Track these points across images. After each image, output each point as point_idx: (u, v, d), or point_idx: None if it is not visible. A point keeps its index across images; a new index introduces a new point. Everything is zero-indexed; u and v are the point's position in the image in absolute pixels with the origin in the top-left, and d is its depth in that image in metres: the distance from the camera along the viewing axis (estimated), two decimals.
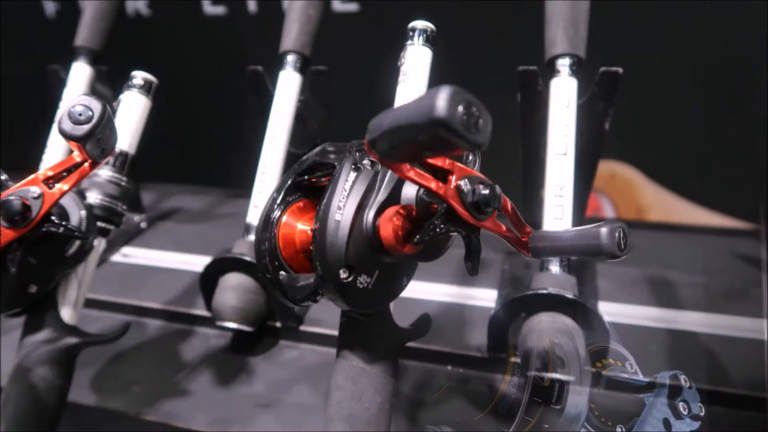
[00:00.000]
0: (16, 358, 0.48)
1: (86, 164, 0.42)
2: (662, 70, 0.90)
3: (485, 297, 0.68)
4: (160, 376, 0.61)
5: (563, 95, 0.56)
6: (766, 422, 0.50)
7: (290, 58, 0.68)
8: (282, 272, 0.35)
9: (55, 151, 0.67)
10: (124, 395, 0.59)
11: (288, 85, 0.67)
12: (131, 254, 0.86)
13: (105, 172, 0.52)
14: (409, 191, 0.34)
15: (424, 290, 0.69)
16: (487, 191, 0.30)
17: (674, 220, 0.99)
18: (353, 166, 0.33)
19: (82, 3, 0.78)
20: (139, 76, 0.54)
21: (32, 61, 0.98)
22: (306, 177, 0.37)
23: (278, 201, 0.36)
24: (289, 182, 0.36)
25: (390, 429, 0.36)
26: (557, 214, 0.54)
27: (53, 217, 0.43)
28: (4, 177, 0.42)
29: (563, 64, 0.57)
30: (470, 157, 0.33)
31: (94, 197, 0.52)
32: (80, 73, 0.73)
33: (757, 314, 0.62)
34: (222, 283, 0.61)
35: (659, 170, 0.99)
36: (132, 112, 0.54)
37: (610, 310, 0.63)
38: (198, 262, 0.75)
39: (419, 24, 0.46)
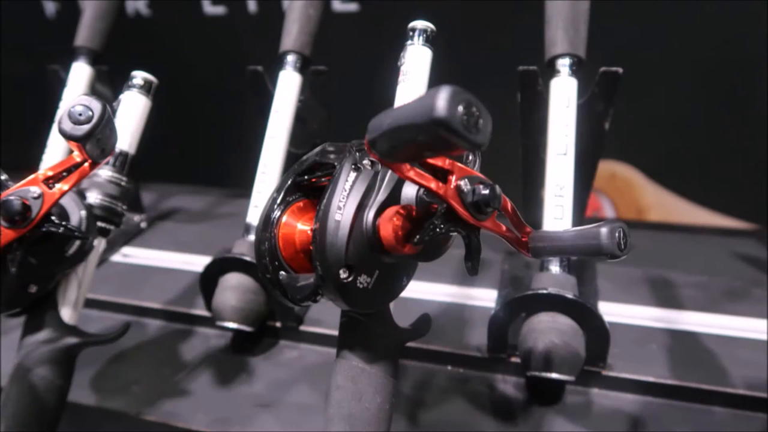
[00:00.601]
0: (16, 358, 0.48)
1: (86, 164, 0.42)
2: (662, 70, 0.90)
3: (485, 297, 0.68)
4: (160, 376, 0.61)
5: (563, 95, 0.56)
6: (766, 422, 0.51)
7: (290, 58, 0.68)
8: (282, 272, 0.35)
9: (55, 151, 0.67)
10: (124, 395, 0.59)
11: (288, 85, 0.67)
12: (131, 254, 0.86)
13: (105, 172, 0.52)
14: (409, 191, 0.34)
15: (424, 290, 0.69)
16: (487, 191, 0.30)
17: (674, 220, 0.99)
18: (353, 166, 0.33)
19: (82, 3, 0.78)
20: (139, 76, 0.54)
21: (32, 61, 0.98)
22: (306, 177, 0.37)
23: (278, 201, 0.36)
24: (289, 182, 0.36)
25: (390, 429, 0.36)
26: (557, 214, 0.54)
27: (53, 217, 0.43)
28: (4, 177, 0.42)
29: (563, 64, 0.57)
30: (470, 157, 0.33)
31: (94, 197, 0.51)
32: (80, 73, 0.73)
33: (758, 314, 0.62)
34: (222, 283, 0.61)
35: (659, 170, 0.99)
36: (132, 112, 0.54)
37: (610, 310, 0.63)
38: (198, 262, 0.75)
39: (419, 24, 0.46)
